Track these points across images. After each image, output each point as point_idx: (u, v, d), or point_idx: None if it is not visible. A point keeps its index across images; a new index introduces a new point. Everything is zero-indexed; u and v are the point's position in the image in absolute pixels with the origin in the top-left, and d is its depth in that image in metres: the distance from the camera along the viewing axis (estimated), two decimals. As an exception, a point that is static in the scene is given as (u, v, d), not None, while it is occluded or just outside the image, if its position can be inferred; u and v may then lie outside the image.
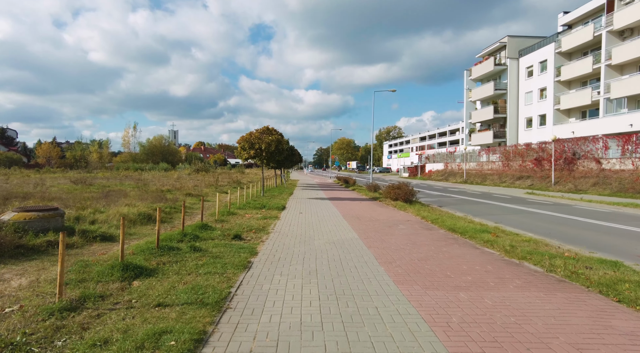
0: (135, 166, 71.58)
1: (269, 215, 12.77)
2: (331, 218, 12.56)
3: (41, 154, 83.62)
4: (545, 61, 40.48)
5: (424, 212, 14.00)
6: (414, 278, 5.70)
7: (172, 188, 22.02)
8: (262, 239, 8.75)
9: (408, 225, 11.21)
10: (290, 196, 21.25)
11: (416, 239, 9.06)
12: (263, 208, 14.69)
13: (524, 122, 44.36)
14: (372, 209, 15.17)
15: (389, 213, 14.03)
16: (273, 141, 18.66)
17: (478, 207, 17.13)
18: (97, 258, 6.38)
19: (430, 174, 55.41)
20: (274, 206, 15.14)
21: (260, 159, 19.13)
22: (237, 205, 14.75)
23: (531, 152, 36.83)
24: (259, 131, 19.23)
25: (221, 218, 11.45)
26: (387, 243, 8.54)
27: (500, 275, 6.00)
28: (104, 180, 26.22)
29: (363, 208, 15.54)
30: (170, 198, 16.90)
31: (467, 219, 12.59)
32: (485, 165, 44.76)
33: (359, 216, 13.17)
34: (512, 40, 45.49)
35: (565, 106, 37.48)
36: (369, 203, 17.75)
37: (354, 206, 16.24)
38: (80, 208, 10.49)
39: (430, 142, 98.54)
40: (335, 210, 14.74)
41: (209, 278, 5.41)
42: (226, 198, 19.07)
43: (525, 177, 35.56)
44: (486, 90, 47.70)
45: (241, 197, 17.14)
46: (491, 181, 39.09)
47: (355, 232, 9.84)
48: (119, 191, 18.78)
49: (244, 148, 18.65)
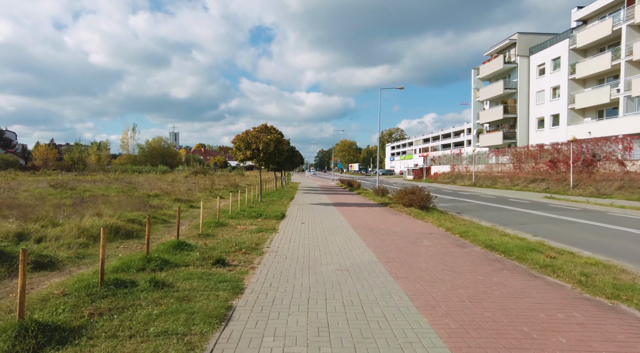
0: (133, 168, 70.29)
1: (265, 226, 10.80)
2: (339, 229, 10.60)
3: (38, 156, 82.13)
4: (558, 58, 38.53)
5: (446, 221, 12.04)
6: (479, 341, 3.72)
7: (162, 192, 20.08)
8: (252, 263, 6.74)
9: (434, 240, 9.24)
10: (290, 202, 19.28)
11: (452, 262, 7.08)
12: (259, 216, 12.70)
13: (535, 122, 42.40)
14: (384, 218, 13.19)
15: (406, 223, 12.06)
16: (272, 141, 16.69)
17: (501, 214, 15.15)
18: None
19: (436, 176, 53.40)
20: (272, 214, 13.15)
21: (258, 160, 17.17)
22: (229, 213, 12.74)
23: (545, 153, 34.86)
24: (257, 130, 17.24)
25: (206, 231, 9.46)
26: (417, 268, 6.56)
27: (604, 331, 4.02)
28: (90, 184, 24.26)
29: (374, 217, 13.57)
30: (155, 204, 14.95)
31: (499, 231, 10.62)
32: (495, 167, 42.77)
33: (372, 227, 11.20)
34: (523, 38, 43.56)
35: (581, 105, 35.52)
36: (379, 210, 15.78)
37: (363, 214, 14.28)
38: (33, 220, 8.54)
39: (434, 144, 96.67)
40: (343, 219, 12.77)
41: (161, 345, 3.44)
42: (220, 204, 17.12)
43: (539, 180, 33.61)
44: (495, 89, 45.74)
45: (236, 203, 15.16)
46: (502, 184, 37.08)
47: (371, 251, 7.86)
48: (100, 196, 16.86)
49: (240, 148, 16.67)
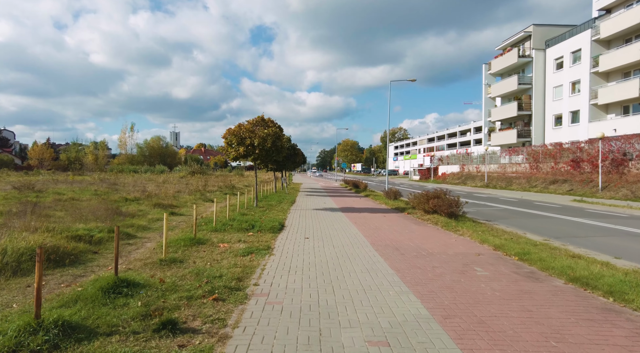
0: (131, 168, 68.44)
1: (257, 244, 8.25)
2: (355, 249, 8.05)
3: (34, 156, 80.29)
4: (578, 51, 35.92)
5: (486, 235, 9.48)
6: None
7: (144, 195, 17.54)
8: (225, 326, 3.91)
9: (488, 267, 6.67)
10: (291, 207, 16.73)
11: (542, 314, 4.47)
12: (252, 228, 10.10)
13: (551, 119, 39.79)
14: (407, 229, 10.63)
15: (438, 237, 9.50)
16: (269, 135, 14.13)
17: (540, 223, 12.57)
18: None
19: (444, 177, 50.77)
20: (269, 224, 10.56)
21: (253, 158, 14.62)
22: (213, 225, 10.12)
23: (566, 152, 32.30)
24: (251, 122, 14.65)
25: (174, 253, 6.87)
26: (498, 333, 3.98)
27: None
28: (68, 185, 21.73)
29: (394, 227, 11.02)
30: (128, 211, 12.43)
31: (562, 250, 8.00)
32: (509, 167, 40.19)
33: (397, 243, 8.64)
34: (538, 30, 40.95)
35: (604, 100, 32.91)
36: (397, 218, 13.22)
37: (380, 223, 11.72)
38: None
39: (439, 143, 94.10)
40: (357, 231, 10.21)
41: None
42: (209, 210, 14.60)
43: (560, 181, 31.03)
44: (508, 85, 43.10)
45: (229, 208, 12.60)
46: (518, 185, 34.50)
47: (412, 292, 5.22)
48: (68, 200, 14.36)
49: (231, 144, 14.11)
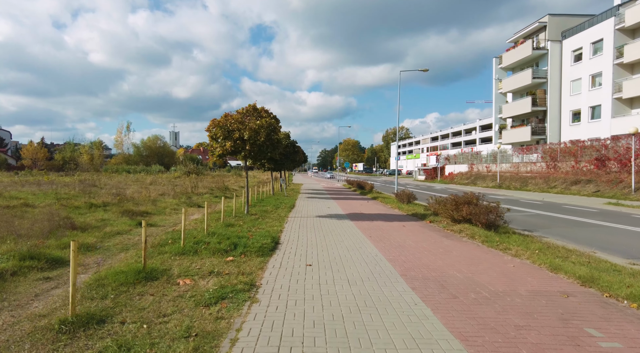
0: (126, 168, 66.90)
1: (235, 279, 5.66)
2: (382, 288, 5.49)
3: (27, 156, 78.40)
4: (600, 41, 33.33)
5: (549, 255, 6.94)
6: None
7: (118, 199, 14.97)
8: None
9: (600, 324, 4.11)
10: (290, 213, 14.15)
11: None
12: (234, 248, 7.49)
13: (568, 115, 37.19)
14: (441, 247, 8.07)
15: (489, 262, 6.93)
16: (262, 128, 11.53)
17: (592, 233, 10.02)
18: None
19: (452, 177, 48.16)
20: (257, 242, 7.96)
21: (244, 156, 12.02)
22: (180, 245, 7.49)
23: (588, 150, 29.75)
24: (241, 112, 12.06)
25: (99, 301, 4.30)
26: None
27: None
28: (35, 187, 19.12)
29: (422, 243, 8.46)
30: (85, 221, 9.87)
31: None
32: (522, 167, 37.62)
33: (438, 275, 6.08)
34: (554, 20, 38.35)
35: (630, 93, 30.35)
36: (420, 228, 10.66)
37: (403, 238, 9.16)
38: None
39: (443, 142, 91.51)
40: (376, 252, 7.64)
41: None
42: (189, 218, 11.92)
43: (583, 181, 28.46)
44: (522, 79, 40.48)
45: (207, 220, 9.98)
46: (534, 186, 31.93)
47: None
48: (17, 207, 11.80)
49: (216, 138, 11.52)
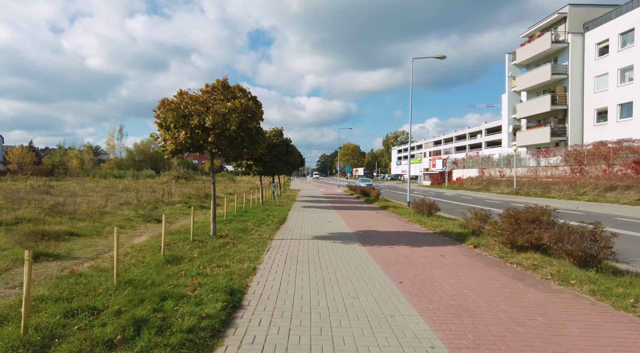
0: (115, 172, 64.75)
1: None
2: None
3: (13, 160, 75.48)
4: (630, 31, 29.95)
5: None
6: None
7: (43, 213, 11.26)
8: None
9: None
10: (277, 232, 10.43)
11: None
12: (131, 338, 3.81)
13: (592, 114, 33.68)
14: (535, 311, 4.39)
15: None
16: (234, 112, 7.88)
17: None
18: None
19: (461, 182, 44.49)
20: (197, 309, 4.19)
21: (210, 150, 8.37)
22: (20, 329, 3.71)
23: (623, 152, 26.24)
24: (205, 91, 8.41)
25: None
26: None
27: None
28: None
29: (493, 296, 4.82)
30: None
31: None
32: (541, 171, 34.05)
33: None
34: (575, 11, 35.02)
35: (668, 89, 26.97)
36: (469, 262, 7.00)
37: (457, 285, 5.52)
38: None
39: (446, 146, 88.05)
40: (424, 325, 3.98)
41: None
42: (129, 242, 8.16)
43: (620, 187, 24.86)
44: (539, 75, 37.01)
45: (156, 244, 6.19)
46: (559, 192, 28.31)
47: None
48: None
49: (165, 126, 7.89)
